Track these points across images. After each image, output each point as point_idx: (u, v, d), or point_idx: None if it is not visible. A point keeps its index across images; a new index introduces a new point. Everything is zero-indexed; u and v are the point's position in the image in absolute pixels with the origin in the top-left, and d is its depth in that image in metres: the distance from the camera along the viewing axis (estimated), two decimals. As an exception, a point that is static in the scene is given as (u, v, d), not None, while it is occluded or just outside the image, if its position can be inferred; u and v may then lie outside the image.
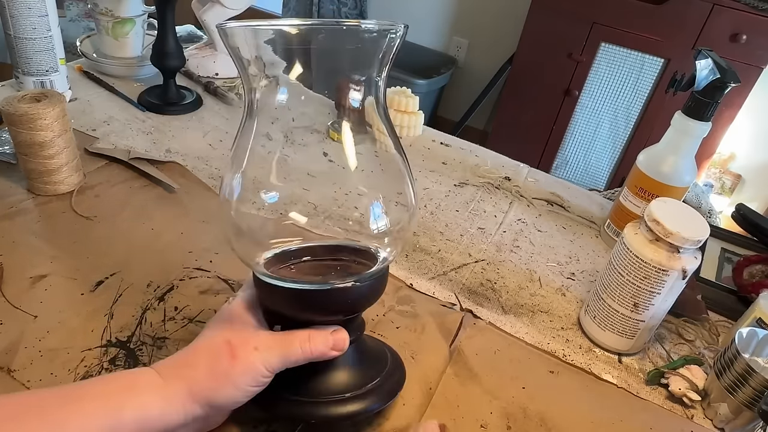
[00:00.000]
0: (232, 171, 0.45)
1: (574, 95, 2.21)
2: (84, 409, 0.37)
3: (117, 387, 0.39)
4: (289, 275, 0.46)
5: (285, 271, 0.47)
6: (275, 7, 3.22)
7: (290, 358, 0.43)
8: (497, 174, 0.96)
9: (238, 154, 0.45)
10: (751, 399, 0.54)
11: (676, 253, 0.56)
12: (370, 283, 0.45)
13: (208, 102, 1.02)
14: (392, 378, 0.50)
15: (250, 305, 0.46)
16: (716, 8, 1.89)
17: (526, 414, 0.54)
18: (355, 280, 0.44)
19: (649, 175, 0.74)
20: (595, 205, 0.93)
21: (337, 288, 0.43)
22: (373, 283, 0.46)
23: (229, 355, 0.42)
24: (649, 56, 2.06)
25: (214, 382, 0.41)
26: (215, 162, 0.84)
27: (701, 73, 0.70)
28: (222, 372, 0.41)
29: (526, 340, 0.64)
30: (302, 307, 0.45)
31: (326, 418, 0.45)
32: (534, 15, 2.18)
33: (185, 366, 0.42)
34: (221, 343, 0.42)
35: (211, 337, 0.44)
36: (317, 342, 0.43)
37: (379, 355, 0.52)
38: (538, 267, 0.76)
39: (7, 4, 0.82)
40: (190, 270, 0.64)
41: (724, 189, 2.43)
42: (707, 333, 0.68)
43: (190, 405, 0.41)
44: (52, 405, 0.37)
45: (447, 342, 0.61)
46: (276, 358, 0.42)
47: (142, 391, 0.40)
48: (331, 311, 0.45)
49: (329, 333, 0.44)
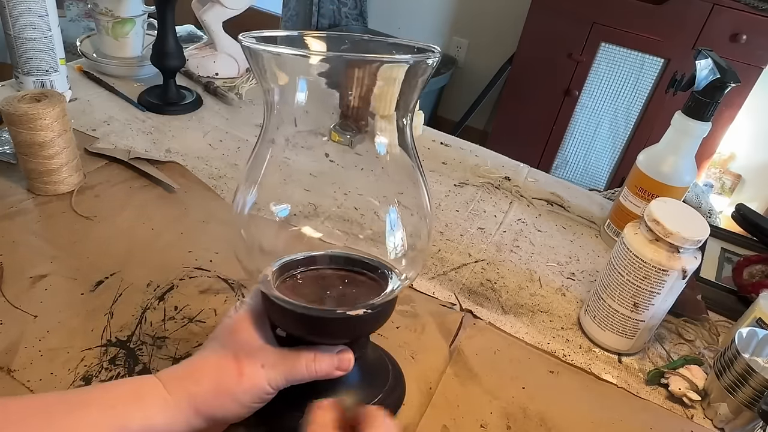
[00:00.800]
0: (247, 183, 0.44)
1: (574, 95, 2.21)
2: (91, 416, 0.37)
3: (123, 396, 0.39)
4: (296, 296, 0.44)
5: (292, 283, 0.46)
6: (275, 7, 3.21)
7: (295, 376, 0.43)
8: (497, 174, 0.96)
9: (255, 165, 0.44)
10: (751, 399, 0.54)
11: (676, 253, 0.56)
12: (379, 310, 0.44)
13: (208, 102, 1.02)
14: (393, 394, 0.50)
15: (256, 317, 0.45)
16: (716, 8, 1.89)
17: (526, 414, 0.54)
18: (366, 309, 0.43)
19: (649, 175, 0.74)
20: (595, 205, 0.93)
21: (346, 316, 0.42)
22: (383, 309, 0.45)
23: (237, 372, 0.42)
24: (649, 56, 2.06)
25: (218, 399, 0.41)
26: (215, 162, 0.84)
27: (701, 73, 0.70)
28: (227, 389, 0.41)
29: (526, 340, 0.64)
30: (308, 330, 0.44)
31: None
32: (534, 15, 2.18)
33: (190, 380, 0.42)
34: (229, 359, 0.42)
35: (216, 350, 0.43)
36: (323, 362, 0.43)
37: (380, 370, 0.52)
38: (538, 267, 0.76)
39: (7, 4, 0.82)
40: (190, 269, 0.64)
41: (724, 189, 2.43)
42: (707, 333, 0.68)
43: (194, 419, 0.41)
44: (59, 411, 0.37)
45: (447, 342, 0.61)
46: (281, 375, 0.42)
47: (148, 403, 0.40)
48: (337, 336, 0.45)
49: (335, 354, 0.44)
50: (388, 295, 0.45)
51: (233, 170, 0.82)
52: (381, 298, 0.44)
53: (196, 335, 0.56)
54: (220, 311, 0.59)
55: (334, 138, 0.45)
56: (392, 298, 0.45)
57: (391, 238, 0.45)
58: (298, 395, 0.45)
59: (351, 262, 0.48)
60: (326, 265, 0.48)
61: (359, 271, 0.47)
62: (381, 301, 0.44)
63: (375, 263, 0.47)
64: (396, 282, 0.46)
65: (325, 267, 0.48)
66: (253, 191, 0.44)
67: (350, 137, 0.45)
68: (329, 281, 0.47)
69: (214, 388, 0.41)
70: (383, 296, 0.45)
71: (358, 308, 0.42)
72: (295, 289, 0.46)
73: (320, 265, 0.48)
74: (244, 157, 0.86)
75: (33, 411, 0.36)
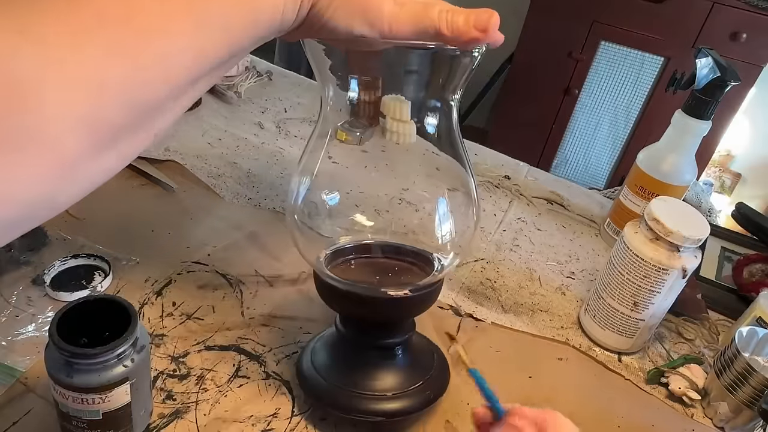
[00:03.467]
0: (300, 175, 0.46)
1: (574, 94, 2.21)
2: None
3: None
4: (346, 276, 0.47)
5: (344, 266, 0.48)
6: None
7: (422, 22, 0.34)
8: (497, 173, 0.95)
9: (309, 159, 0.46)
10: (751, 398, 0.53)
11: (676, 252, 0.56)
12: (423, 293, 0.46)
13: (207, 100, 1.01)
14: (438, 380, 0.51)
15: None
16: (716, 7, 1.89)
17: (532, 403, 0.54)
18: (409, 290, 0.45)
19: (649, 173, 0.74)
20: (595, 203, 0.93)
21: (389, 296, 0.45)
22: (426, 293, 0.46)
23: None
24: (649, 55, 2.05)
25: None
26: (214, 160, 0.83)
27: (701, 72, 0.70)
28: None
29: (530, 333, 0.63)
30: (355, 307, 0.46)
31: (365, 412, 0.47)
32: (534, 13, 2.18)
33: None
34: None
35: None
36: (459, 15, 0.34)
37: (426, 357, 0.53)
38: (538, 266, 0.76)
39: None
40: (188, 264, 0.64)
41: (724, 188, 2.43)
42: (707, 332, 0.68)
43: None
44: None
45: (446, 345, 0.60)
46: (409, 17, 0.33)
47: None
48: (383, 315, 0.47)
49: (473, 10, 0.35)
50: (432, 277, 0.47)
51: (232, 169, 0.82)
52: (424, 283, 0.46)
53: (194, 333, 0.56)
54: (218, 308, 0.59)
55: (340, 137, 0.45)
56: (436, 281, 0.47)
57: (439, 226, 0.47)
58: (343, 368, 0.49)
59: (400, 251, 0.50)
60: (377, 254, 0.50)
61: (408, 260, 0.49)
62: (424, 282, 0.46)
63: (423, 252, 0.49)
64: (439, 265, 0.48)
65: (377, 255, 0.50)
66: (306, 180, 0.46)
67: (359, 135, 0.46)
68: (379, 267, 0.50)
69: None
70: (428, 279, 0.47)
71: (401, 290, 0.44)
72: (347, 272, 0.48)
73: (372, 253, 0.50)
74: (243, 155, 0.85)
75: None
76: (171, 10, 0.25)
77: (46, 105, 0.22)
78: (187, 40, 0.26)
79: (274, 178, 0.82)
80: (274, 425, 0.49)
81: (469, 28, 0.34)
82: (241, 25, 0.29)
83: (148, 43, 0.25)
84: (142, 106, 0.25)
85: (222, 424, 0.49)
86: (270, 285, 0.64)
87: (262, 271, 0.65)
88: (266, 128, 0.93)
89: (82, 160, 0.24)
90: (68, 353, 0.39)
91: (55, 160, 0.23)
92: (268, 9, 0.30)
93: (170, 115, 0.28)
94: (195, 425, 0.48)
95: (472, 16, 0.35)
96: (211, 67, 0.28)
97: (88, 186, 0.26)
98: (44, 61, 0.22)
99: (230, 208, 0.74)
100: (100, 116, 0.24)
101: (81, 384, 0.40)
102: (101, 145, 0.25)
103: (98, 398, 0.41)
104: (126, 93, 0.24)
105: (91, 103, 0.23)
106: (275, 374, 0.54)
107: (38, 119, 0.22)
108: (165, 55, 0.25)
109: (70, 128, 0.23)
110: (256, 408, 0.51)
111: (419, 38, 0.35)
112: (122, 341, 0.41)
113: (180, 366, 0.53)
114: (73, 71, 0.23)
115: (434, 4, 0.34)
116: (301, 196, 0.46)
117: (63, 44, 0.22)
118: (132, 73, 0.24)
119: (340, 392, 0.48)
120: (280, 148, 0.89)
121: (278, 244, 0.69)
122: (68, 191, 0.25)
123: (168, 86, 0.26)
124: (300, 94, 1.05)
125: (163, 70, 0.26)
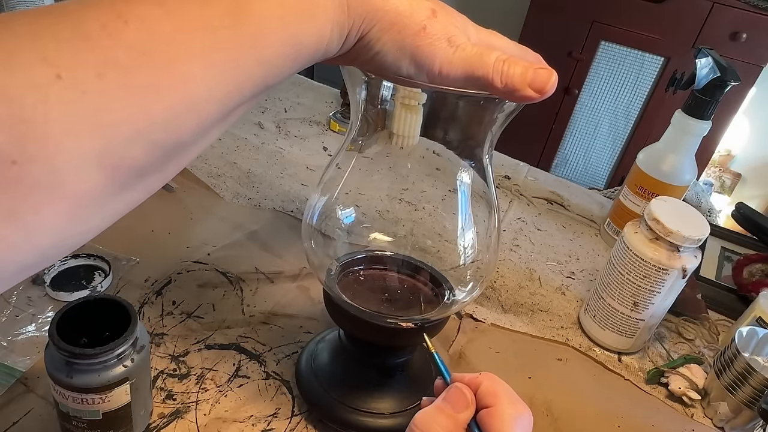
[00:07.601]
0: (319, 193, 0.46)
1: (574, 94, 2.21)
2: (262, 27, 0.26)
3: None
4: (354, 290, 0.47)
5: (354, 278, 0.48)
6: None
7: (477, 70, 0.31)
8: (497, 173, 0.95)
9: (333, 176, 0.45)
10: (751, 398, 0.53)
11: (676, 252, 0.56)
12: (429, 325, 0.45)
13: (208, 100, 1.01)
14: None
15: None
16: (716, 6, 1.89)
17: (532, 403, 0.55)
18: (416, 323, 0.44)
19: (649, 173, 0.74)
20: (595, 203, 0.93)
21: (398, 326, 0.44)
22: (433, 325, 0.46)
23: (427, 15, 0.30)
24: (649, 55, 2.05)
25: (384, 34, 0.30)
26: (214, 160, 0.83)
27: (701, 72, 0.70)
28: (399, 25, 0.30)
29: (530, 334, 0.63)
30: (359, 330, 0.46)
31: (362, 429, 0.47)
32: (534, 13, 2.18)
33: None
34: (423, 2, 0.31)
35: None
36: (516, 66, 0.32)
37: (425, 374, 0.53)
38: (538, 266, 0.76)
39: (7, 5, 0.82)
40: (188, 263, 0.64)
41: (724, 188, 2.43)
42: (707, 332, 0.68)
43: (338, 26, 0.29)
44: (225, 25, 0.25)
45: (445, 347, 0.60)
46: (462, 59, 0.31)
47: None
48: (387, 341, 0.47)
49: (533, 65, 0.33)
50: (442, 311, 0.46)
51: (232, 168, 0.82)
52: (434, 314, 0.46)
53: (195, 332, 0.56)
54: (218, 306, 0.59)
55: (333, 127, 0.45)
56: (445, 315, 0.47)
57: (457, 255, 0.46)
58: (344, 384, 0.48)
59: (413, 268, 0.49)
60: (388, 267, 0.50)
61: (419, 279, 0.49)
62: (433, 317, 0.45)
63: (436, 274, 0.48)
64: (452, 299, 0.47)
65: (388, 269, 0.50)
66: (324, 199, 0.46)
67: (360, 141, 0.46)
68: (389, 282, 0.49)
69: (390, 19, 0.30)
70: (436, 311, 0.46)
71: (410, 322, 0.44)
72: (355, 285, 0.47)
73: (383, 265, 0.50)
74: (242, 155, 0.85)
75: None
76: (209, 47, 0.24)
77: (62, 149, 0.21)
78: (222, 77, 0.25)
79: (274, 178, 0.82)
80: (274, 425, 0.49)
81: (524, 86, 0.32)
82: (281, 59, 0.27)
83: (184, 85, 0.23)
84: (170, 145, 0.24)
85: (222, 423, 0.49)
86: (270, 282, 0.64)
87: (262, 269, 0.65)
88: (266, 128, 0.93)
89: (105, 200, 0.23)
90: (68, 353, 0.39)
91: (74, 202, 0.22)
92: (312, 41, 0.28)
93: (200, 148, 0.28)
94: (195, 425, 0.48)
95: (530, 73, 0.32)
96: (246, 100, 0.27)
97: (112, 220, 0.25)
98: (64, 100, 0.21)
99: (230, 208, 0.74)
100: (125, 156, 0.23)
101: (81, 384, 0.40)
102: (127, 185, 0.24)
103: (98, 398, 0.41)
104: (153, 134, 0.23)
105: (116, 144, 0.22)
106: (275, 374, 0.54)
107: (57, 162, 0.21)
108: (196, 97, 0.24)
109: (95, 168, 0.22)
110: (256, 408, 0.51)
111: (468, 87, 0.32)
112: (122, 341, 0.41)
113: (180, 365, 0.53)
114: (96, 113, 0.21)
115: (492, 49, 0.32)
116: (317, 212, 0.46)
117: (87, 82, 0.21)
118: (161, 114, 0.23)
119: (339, 406, 0.48)
120: (279, 148, 0.89)
121: (279, 243, 0.69)
122: (96, 226, 0.24)
123: (199, 124, 0.25)
124: (300, 94, 1.05)
125: (196, 112, 0.24)
